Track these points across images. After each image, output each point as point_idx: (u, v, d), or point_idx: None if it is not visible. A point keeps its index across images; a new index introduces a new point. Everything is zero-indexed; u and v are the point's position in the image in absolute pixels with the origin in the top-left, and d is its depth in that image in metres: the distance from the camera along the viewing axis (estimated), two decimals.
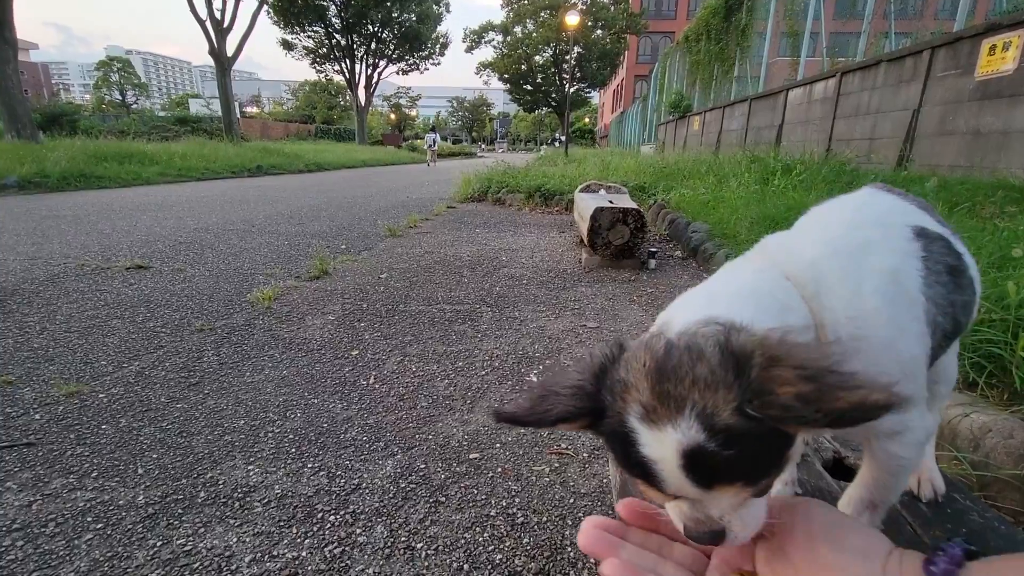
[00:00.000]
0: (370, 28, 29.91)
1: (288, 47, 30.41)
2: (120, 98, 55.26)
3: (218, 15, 17.59)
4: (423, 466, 1.50)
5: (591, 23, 28.98)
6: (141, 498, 1.34)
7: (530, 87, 33.18)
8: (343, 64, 30.92)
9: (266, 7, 21.79)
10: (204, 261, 3.91)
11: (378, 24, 29.76)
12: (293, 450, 1.56)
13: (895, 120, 5.96)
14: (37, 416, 1.72)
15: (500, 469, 1.50)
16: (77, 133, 15.63)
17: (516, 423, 0.44)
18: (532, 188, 7.38)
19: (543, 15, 29.59)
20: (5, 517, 1.25)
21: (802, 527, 0.43)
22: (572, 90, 30.03)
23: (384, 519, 1.28)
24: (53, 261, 3.76)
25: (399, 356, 2.27)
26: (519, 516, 1.31)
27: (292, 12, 27.35)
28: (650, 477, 0.40)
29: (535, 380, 2.05)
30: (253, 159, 14.08)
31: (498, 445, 1.62)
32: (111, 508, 1.30)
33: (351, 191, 9.75)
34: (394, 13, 29.44)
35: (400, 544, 1.20)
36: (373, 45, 31.14)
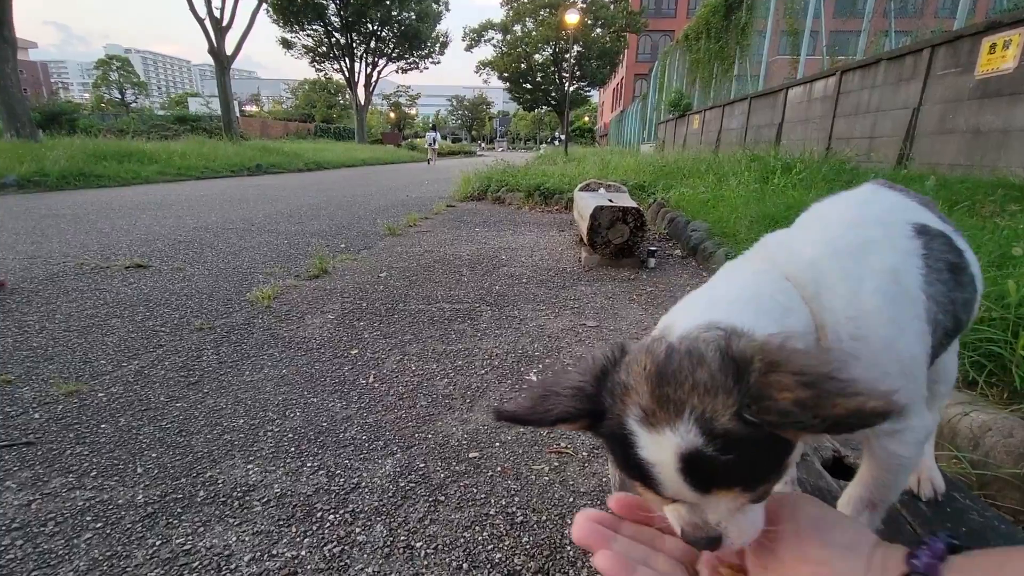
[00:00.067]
0: (369, 27, 29.87)
1: (287, 46, 30.36)
2: (119, 97, 55.25)
3: (217, 14, 17.60)
4: (422, 465, 1.50)
5: (591, 21, 28.93)
6: (140, 497, 1.34)
7: (530, 86, 33.13)
8: (342, 63, 30.89)
9: (265, 6, 21.74)
10: (203, 260, 3.91)
11: (377, 23, 29.73)
12: (292, 449, 1.56)
13: (895, 119, 5.95)
14: (36, 415, 1.72)
15: (499, 468, 1.50)
16: (76, 132, 15.62)
17: (516, 422, 0.45)
18: (532, 187, 7.38)
19: (542, 13, 29.53)
20: (4, 516, 1.25)
21: (789, 522, 0.43)
22: (572, 89, 30.03)
23: (383, 518, 1.28)
24: (52, 260, 3.76)
25: (398, 355, 2.26)
26: (518, 515, 1.31)
27: (291, 10, 27.30)
28: (648, 480, 0.40)
29: (534, 379, 2.05)
30: (252, 158, 14.07)
31: (497, 444, 1.62)
32: (110, 507, 1.30)
33: (350, 190, 9.75)
34: (393, 12, 29.41)
35: (399, 543, 1.20)
36: (372, 44, 31.11)
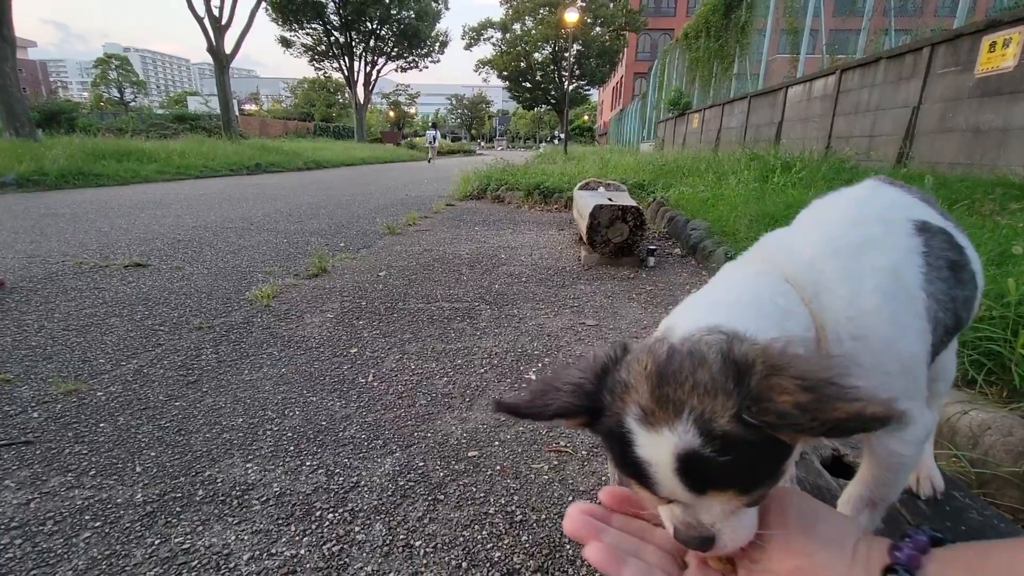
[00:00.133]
0: (369, 25, 29.82)
1: (286, 44, 30.32)
2: (118, 96, 55.17)
3: (216, 12, 17.58)
4: (422, 464, 1.50)
5: (590, 20, 28.90)
6: (139, 496, 1.33)
7: (529, 84, 33.10)
8: (342, 61, 30.85)
9: (264, 4, 21.71)
10: (202, 259, 3.90)
11: (377, 21, 29.68)
12: (291, 448, 1.56)
13: (895, 117, 5.95)
14: (35, 414, 1.72)
15: (499, 467, 1.50)
16: (75, 131, 15.64)
17: (515, 414, 0.45)
18: (531, 186, 7.37)
19: (542, 12, 29.50)
20: (3, 515, 1.25)
21: (776, 515, 0.43)
22: (571, 87, 30.02)
23: (383, 517, 1.28)
24: (51, 259, 3.75)
25: (398, 354, 2.26)
26: (518, 514, 1.31)
27: (290, 9, 27.25)
28: (644, 479, 0.40)
29: (534, 378, 2.05)
30: (252, 157, 14.04)
31: (497, 443, 1.62)
32: (109, 506, 1.30)
33: (350, 189, 9.74)
34: (393, 10, 29.37)
35: (399, 542, 1.20)
36: (372, 42, 31.05)
